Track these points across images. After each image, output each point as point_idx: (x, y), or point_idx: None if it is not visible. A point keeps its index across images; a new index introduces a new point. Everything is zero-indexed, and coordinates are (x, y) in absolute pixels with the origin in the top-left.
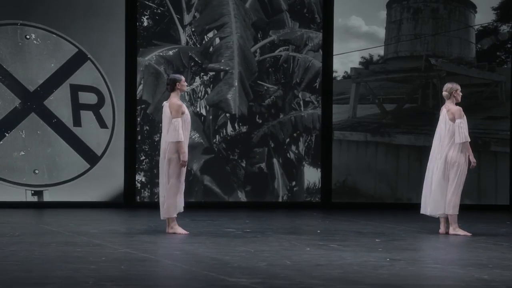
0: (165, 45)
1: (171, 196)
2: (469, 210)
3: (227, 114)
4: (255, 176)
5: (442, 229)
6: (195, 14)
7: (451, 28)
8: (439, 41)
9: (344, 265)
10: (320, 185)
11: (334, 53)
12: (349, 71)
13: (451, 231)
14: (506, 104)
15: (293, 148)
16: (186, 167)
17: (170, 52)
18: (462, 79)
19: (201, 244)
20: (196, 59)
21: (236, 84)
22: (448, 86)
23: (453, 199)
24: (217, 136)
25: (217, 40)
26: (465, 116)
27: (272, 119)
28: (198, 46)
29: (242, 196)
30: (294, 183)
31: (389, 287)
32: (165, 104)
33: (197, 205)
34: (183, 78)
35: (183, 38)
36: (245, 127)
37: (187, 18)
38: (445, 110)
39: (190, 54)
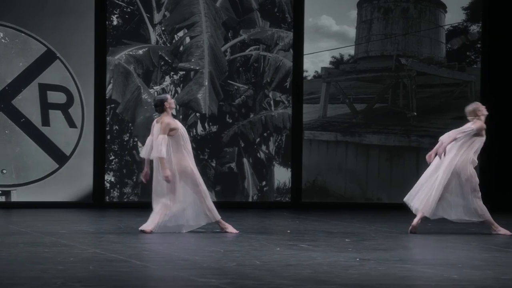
0: (135, 44)
1: (208, 200)
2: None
3: (197, 114)
4: (225, 176)
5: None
6: (165, 13)
7: (421, 28)
8: (410, 41)
9: (314, 265)
10: (290, 185)
11: (304, 53)
12: (319, 71)
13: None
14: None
15: (264, 147)
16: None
17: (140, 51)
18: (432, 79)
19: (170, 244)
20: (166, 58)
21: (206, 83)
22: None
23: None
24: None
25: (187, 39)
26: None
27: (242, 119)
28: (168, 45)
29: (212, 196)
30: (264, 183)
31: (359, 287)
32: (155, 124)
33: None
34: (168, 96)
35: (153, 37)
36: (215, 126)
37: (157, 17)
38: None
39: (160, 53)
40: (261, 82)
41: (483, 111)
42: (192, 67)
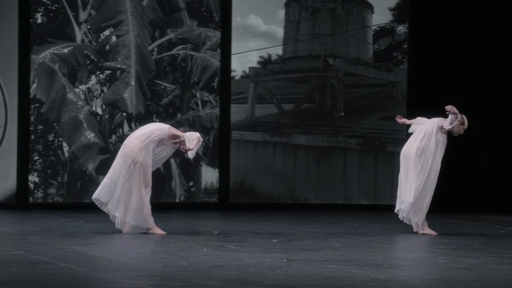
0: (60, 43)
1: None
2: (365, 210)
3: (124, 114)
4: (152, 176)
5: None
6: (91, 11)
7: (348, 28)
8: (337, 41)
9: (241, 266)
10: (218, 185)
11: (232, 52)
12: (247, 71)
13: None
14: (402, 104)
15: None
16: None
17: (65, 50)
18: (359, 79)
19: (96, 246)
20: (92, 57)
21: (133, 83)
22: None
23: None
24: (113, 135)
25: (114, 38)
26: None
27: (169, 119)
28: (94, 44)
29: None
30: (191, 183)
31: (286, 287)
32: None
33: (92, 206)
34: (195, 142)
35: (79, 35)
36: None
37: (83, 16)
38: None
39: (85, 52)
40: (189, 82)
41: (463, 127)
42: (118, 66)
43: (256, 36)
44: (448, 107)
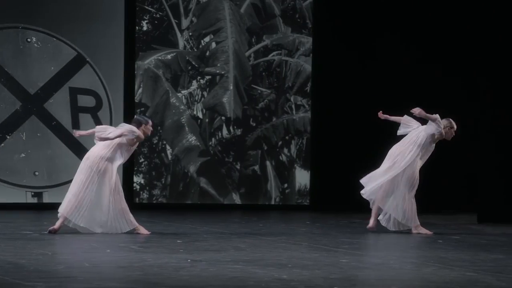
0: (163, 49)
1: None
2: (271, 210)
3: (223, 117)
4: (249, 179)
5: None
6: (192, 19)
7: None
8: None
9: (145, 266)
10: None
11: None
12: None
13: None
14: None
15: (285, 150)
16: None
17: (169, 56)
18: None
19: None
20: (193, 63)
21: (231, 87)
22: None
23: None
24: (213, 138)
25: (213, 45)
26: None
27: (265, 122)
28: (195, 50)
29: (236, 199)
30: (285, 185)
31: None
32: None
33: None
34: (150, 122)
35: (181, 42)
36: (239, 130)
37: (185, 23)
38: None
39: (187, 58)
40: (283, 87)
41: (453, 129)
42: (217, 71)
43: None
44: (416, 112)
